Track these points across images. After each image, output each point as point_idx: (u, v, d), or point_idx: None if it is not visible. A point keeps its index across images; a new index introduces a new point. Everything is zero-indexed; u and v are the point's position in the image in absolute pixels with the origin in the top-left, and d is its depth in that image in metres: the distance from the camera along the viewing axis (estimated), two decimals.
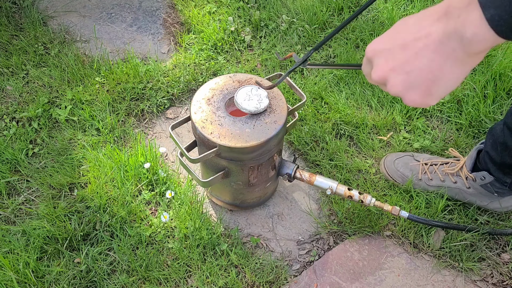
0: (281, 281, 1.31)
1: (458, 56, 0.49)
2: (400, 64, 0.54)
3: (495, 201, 1.38)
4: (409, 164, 1.47)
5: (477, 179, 1.34)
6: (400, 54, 0.53)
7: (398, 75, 0.54)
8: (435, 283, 1.32)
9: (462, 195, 1.41)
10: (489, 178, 1.31)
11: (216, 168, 1.25)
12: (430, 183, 1.43)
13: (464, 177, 1.38)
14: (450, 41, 0.49)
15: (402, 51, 0.53)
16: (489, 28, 0.45)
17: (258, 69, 1.82)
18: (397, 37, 0.54)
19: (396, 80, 0.54)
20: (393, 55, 0.54)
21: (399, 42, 0.54)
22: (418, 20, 0.53)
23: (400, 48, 0.53)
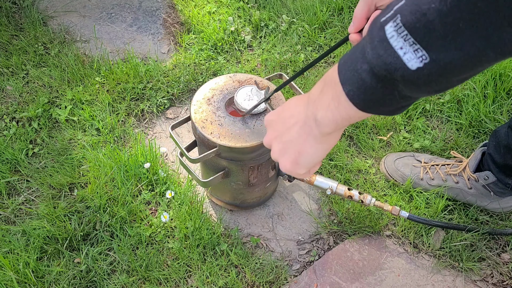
0: (281, 281, 1.31)
1: (315, 135, 0.61)
2: (279, 134, 0.66)
3: (495, 202, 1.39)
4: (410, 164, 1.47)
5: (480, 179, 1.35)
6: (280, 127, 0.66)
7: (278, 144, 0.67)
8: (435, 283, 1.32)
9: (462, 195, 1.41)
10: (492, 178, 1.32)
11: (216, 168, 1.25)
12: (432, 182, 1.43)
13: (467, 177, 1.38)
14: (309, 121, 0.60)
15: (282, 124, 0.66)
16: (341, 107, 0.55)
17: (258, 69, 1.82)
18: (282, 113, 0.67)
19: (276, 148, 0.67)
20: (277, 126, 0.67)
21: (282, 117, 0.66)
22: (296, 102, 0.65)
23: (281, 122, 0.66)
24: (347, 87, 0.53)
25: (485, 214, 1.43)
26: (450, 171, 1.41)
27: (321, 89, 0.58)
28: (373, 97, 0.52)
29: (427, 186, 1.44)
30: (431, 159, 1.47)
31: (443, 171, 1.43)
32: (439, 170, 1.43)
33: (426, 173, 1.44)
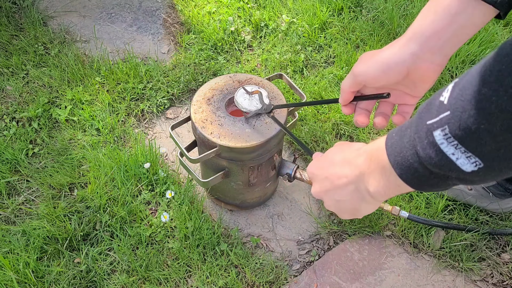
0: (281, 281, 1.31)
1: (368, 200, 0.64)
2: (330, 193, 0.69)
3: (495, 203, 1.39)
4: None
5: None
6: (329, 185, 0.69)
7: (330, 200, 0.70)
8: (435, 283, 1.32)
9: (462, 196, 1.41)
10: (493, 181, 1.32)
11: (216, 168, 1.25)
12: None
13: None
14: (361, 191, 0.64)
15: (330, 183, 0.69)
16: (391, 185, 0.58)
17: (258, 69, 1.82)
18: (327, 170, 0.70)
19: (329, 203, 0.71)
20: (324, 184, 0.70)
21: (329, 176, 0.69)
22: (342, 163, 0.67)
23: (329, 181, 0.69)
24: (399, 171, 0.55)
25: (485, 214, 1.43)
26: None
27: (368, 164, 0.61)
28: (427, 182, 0.53)
29: None
30: None
31: None
32: None
33: None
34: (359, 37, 1.91)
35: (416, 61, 0.68)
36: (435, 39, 0.66)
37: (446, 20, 0.64)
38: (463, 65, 1.79)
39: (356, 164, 0.64)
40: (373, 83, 0.74)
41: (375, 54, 0.72)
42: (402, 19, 1.94)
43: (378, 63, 0.71)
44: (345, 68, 1.78)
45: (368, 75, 0.72)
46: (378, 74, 0.71)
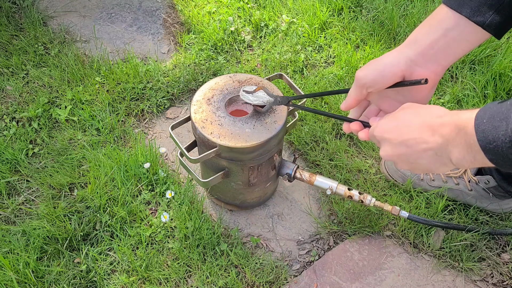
0: (281, 281, 1.31)
1: (448, 165, 0.67)
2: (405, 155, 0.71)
3: (495, 203, 1.39)
4: None
5: (481, 182, 1.35)
6: (405, 149, 0.70)
7: (403, 162, 0.72)
8: (435, 283, 1.32)
9: (462, 197, 1.41)
10: (493, 182, 1.33)
11: (216, 168, 1.25)
12: (432, 183, 1.43)
13: (467, 180, 1.39)
14: (443, 157, 0.66)
15: (406, 148, 0.69)
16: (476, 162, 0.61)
17: (258, 69, 1.82)
18: (402, 134, 0.70)
19: (403, 164, 0.73)
20: (398, 148, 0.71)
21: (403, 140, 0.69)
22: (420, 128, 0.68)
23: (405, 146, 0.70)
24: (490, 156, 0.59)
25: (485, 214, 1.43)
26: (451, 173, 1.42)
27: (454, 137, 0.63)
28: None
29: (427, 187, 1.44)
30: None
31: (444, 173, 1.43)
32: None
33: (426, 174, 1.44)
34: (359, 37, 1.91)
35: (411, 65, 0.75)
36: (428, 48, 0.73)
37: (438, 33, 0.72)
38: (463, 65, 1.79)
39: (441, 133, 0.65)
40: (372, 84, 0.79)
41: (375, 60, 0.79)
42: (402, 19, 1.94)
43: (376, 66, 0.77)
44: (345, 68, 1.78)
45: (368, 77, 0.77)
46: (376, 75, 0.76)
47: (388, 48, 1.86)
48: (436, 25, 0.72)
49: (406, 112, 0.72)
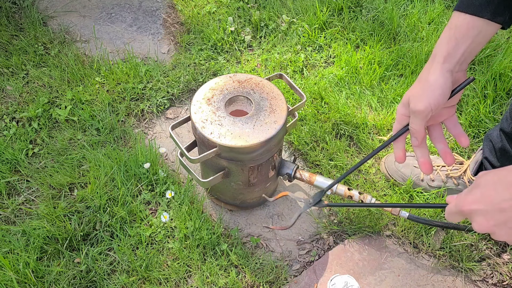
0: (281, 281, 1.31)
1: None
2: (502, 223, 0.67)
3: None
4: (411, 164, 1.47)
5: None
6: (500, 216, 0.67)
7: (502, 230, 0.68)
8: (435, 283, 1.32)
9: None
10: None
11: (216, 168, 1.25)
12: (432, 184, 1.44)
13: (467, 180, 1.39)
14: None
15: (500, 213, 0.67)
16: None
17: (258, 69, 1.82)
18: (493, 200, 0.68)
19: (502, 233, 0.68)
20: (492, 216, 0.68)
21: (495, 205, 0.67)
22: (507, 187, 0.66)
23: (498, 211, 0.67)
24: None
25: None
26: (451, 173, 1.42)
27: None
28: None
29: (427, 187, 1.45)
30: (432, 160, 1.47)
31: (443, 173, 1.43)
32: (439, 171, 1.43)
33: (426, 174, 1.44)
34: (359, 37, 1.91)
35: (454, 75, 0.81)
36: (461, 57, 0.80)
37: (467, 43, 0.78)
38: None
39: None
40: (436, 108, 0.82)
41: (422, 87, 0.82)
42: (402, 19, 1.94)
43: (432, 90, 0.80)
44: (345, 68, 1.78)
45: (431, 105, 0.80)
46: (438, 99, 0.80)
47: (388, 48, 1.86)
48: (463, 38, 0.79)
49: (487, 179, 0.71)
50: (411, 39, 1.88)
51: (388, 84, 1.74)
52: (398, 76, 1.77)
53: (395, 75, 1.77)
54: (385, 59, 1.79)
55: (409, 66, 1.77)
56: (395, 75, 1.77)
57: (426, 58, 1.78)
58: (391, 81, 1.75)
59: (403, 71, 1.78)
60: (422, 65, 1.75)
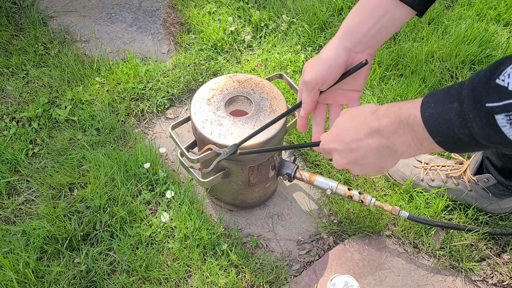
0: (281, 281, 1.31)
1: (395, 157, 0.69)
2: (353, 160, 0.73)
3: (494, 203, 1.39)
4: (411, 164, 1.47)
5: (480, 182, 1.35)
6: (350, 154, 0.72)
7: (355, 166, 0.74)
8: (435, 283, 1.33)
9: (462, 197, 1.41)
10: (492, 180, 1.32)
11: (216, 168, 1.25)
12: (432, 183, 1.44)
13: (467, 180, 1.38)
14: (386, 150, 0.68)
15: (351, 152, 0.72)
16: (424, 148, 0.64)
17: (258, 69, 1.82)
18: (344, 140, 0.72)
19: (355, 169, 0.75)
20: (345, 154, 0.73)
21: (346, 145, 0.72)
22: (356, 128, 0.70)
23: (349, 151, 0.72)
24: (438, 138, 0.60)
25: (485, 214, 1.43)
26: (451, 173, 1.41)
27: (395, 128, 0.65)
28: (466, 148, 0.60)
29: (427, 187, 1.45)
30: (432, 160, 1.47)
31: (443, 172, 1.43)
32: (439, 171, 1.43)
33: (426, 174, 1.44)
34: None
35: (350, 54, 0.79)
36: (363, 36, 0.77)
37: (371, 21, 0.75)
38: (463, 65, 1.79)
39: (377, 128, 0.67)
40: (322, 83, 0.81)
41: (315, 59, 0.81)
42: None
43: (320, 65, 0.80)
44: None
45: (317, 77, 0.80)
46: (324, 73, 0.79)
47: (387, 48, 1.86)
48: (368, 14, 0.75)
49: (343, 118, 0.75)
50: (411, 39, 1.88)
51: (388, 84, 1.74)
52: (398, 76, 1.77)
53: (395, 75, 1.77)
54: (385, 59, 1.79)
55: (409, 66, 1.77)
56: (395, 75, 1.77)
57: (426, 58, 1.78)
58: (391, 81, 1.75)
59: (403, 71, 1.78)
60: (422, 65, 1.75)
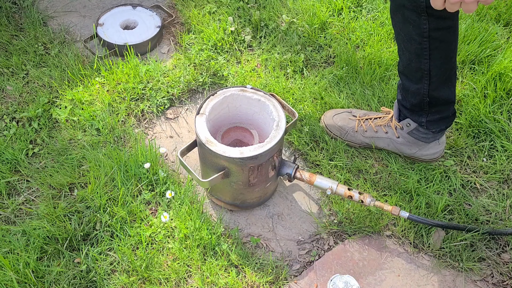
0: (281, 281, 1.31)
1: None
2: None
3: (423, 149, 1.49)
4: (347, 118, 1.58)
5: (404, 126, 1.49)
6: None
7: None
8: (435, 283, 1.33)
9: (393, 145, 1.52)
10: (413, 124, 1.46)
11: (216, 168, 1.25)
12: (365, 134, 1.54)
13: (394, 127, 1.51)
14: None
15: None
16: None
17: (258, 69, 1.82)
18: None
19: None
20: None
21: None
22: None
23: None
24: None
25: (485, 214, 1.43)
26: (379, 122, 1.53)
27: None
28: None
29: (362, 138, 1.55)
30: (366, 114, 1.59)
31: (375, 123, 1.54)
32: (371, 123, 1.55)
33: (360, 126, 1.55)
34: (359, 37, 1.91)
35: None
36: None
37: None
38: (463, 65, 1.79)
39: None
40: None
41: None
42: None
43: None
44: (345, 68, 1.78)
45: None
46: None
47: (387, 48, 1.86)
48: None
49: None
50: None
51: (388, 84, 1.74)
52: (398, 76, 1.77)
53: (395, 75, 1.76)
54: (385, 59, 1.79)
55: None
56: (395, 75, 1.76)
57: None
58: (392, 81, 1.75)
59: None
60: None
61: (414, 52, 1.28)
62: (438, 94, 1.35)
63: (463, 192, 1.48)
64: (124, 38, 1.87)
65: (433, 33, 1.22)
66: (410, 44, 1.27)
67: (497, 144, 1.58)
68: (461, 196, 1.47)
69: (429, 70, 1.30)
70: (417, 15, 1.19)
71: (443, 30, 1.23)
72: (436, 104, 1.38)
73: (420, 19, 1.19)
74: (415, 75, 1.34)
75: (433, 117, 1.41)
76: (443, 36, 1.24)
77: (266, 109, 1.31)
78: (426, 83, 1.33)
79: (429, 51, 1.26)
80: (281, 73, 1.79)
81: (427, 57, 1.27)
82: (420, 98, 1.37)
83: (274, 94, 1.33)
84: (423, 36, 1.23)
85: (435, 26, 1.20)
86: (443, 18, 1.19)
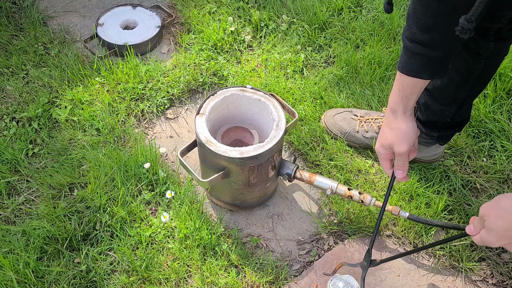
0: (281, 281, 1.31)
1: None
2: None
3: (423, 151, 1.48)
4: (348, 118, 1.57)
5: None
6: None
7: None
8: (435, 283, 1.33)
9: None
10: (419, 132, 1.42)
11: (216, 168, 1.25)
12: (366, 134, 1.53)
13: None
14: None
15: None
16: None
17: (258, 69, 1.82)
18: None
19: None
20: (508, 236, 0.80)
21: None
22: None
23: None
24: None
25: None
26: (382, 123, 1.49)
27: None
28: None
29: (362, 139, 1.53)
30: (367, 113, 1.58)
31: (376, 124, 1.53)
32: (373, 123, 1.53)
33: (361, 126, 1.54)
34: (359, 37, 1.91)
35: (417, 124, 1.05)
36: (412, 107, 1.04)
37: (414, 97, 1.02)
38: None
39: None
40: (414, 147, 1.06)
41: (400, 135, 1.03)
42: (402, 19, 1.94)
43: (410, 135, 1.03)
44: (345, 68, 1.78)
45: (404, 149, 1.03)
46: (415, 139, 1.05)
47: (387, 48, 1.86)
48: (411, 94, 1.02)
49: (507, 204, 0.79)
50: None
51: (388, 84, 1.74)
52: None
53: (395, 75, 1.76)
54: (385, 59, 1.79)
55: None
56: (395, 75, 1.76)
57: None
58: (391, 81, 1.75)
59: None
60: None
61: (455, 82, 1.24)
62: (460, 117, 1.34)
63: (463, 192, 1.48)
64: (124, 38, 1.87)
65: (484, 70, 1.19)
66: (455, 74, 1.22)
67: (497, 144, 1.58)
68: (461, 196, 1.47)
69: (464, 99, 1.27)
70: (476, 56, 1.15)
71: (493, 67, 1.21)
72: (452, 123, 1.37)
73: (478, 59, 1.16)
74: (446, 98, 1.29)
75: (445, 133, 1.40)
76: (491, 72, 1.22)
77: (266, 109, 1.31)
78: (455, 108, 1.30)
79: (472, 85, 1.23)
80: (281, 73, 1.79)
81: (468, 89, 1.24)
82: (441, 118, 1.35)
83: (274, 94, 1.33)
84: (472, 73, 1.19)
85: (488, 65, 1.17)
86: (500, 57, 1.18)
